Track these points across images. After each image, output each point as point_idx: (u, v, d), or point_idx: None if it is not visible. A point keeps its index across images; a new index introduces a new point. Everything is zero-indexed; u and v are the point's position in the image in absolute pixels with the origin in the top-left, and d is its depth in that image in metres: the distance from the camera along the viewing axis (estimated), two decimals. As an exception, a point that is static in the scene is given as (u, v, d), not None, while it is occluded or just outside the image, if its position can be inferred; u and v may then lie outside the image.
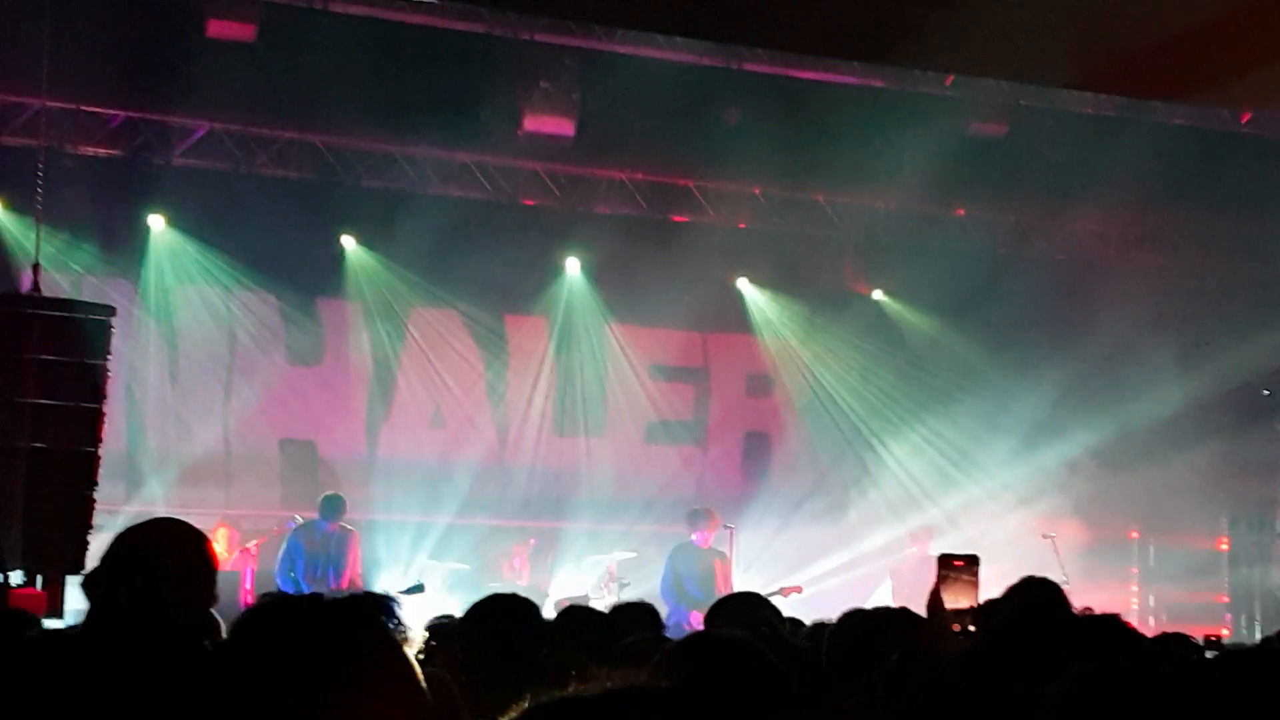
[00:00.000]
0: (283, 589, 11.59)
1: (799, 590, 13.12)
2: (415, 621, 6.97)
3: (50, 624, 7.82)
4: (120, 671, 3.25)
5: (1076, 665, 3.14)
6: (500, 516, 15.27)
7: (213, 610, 6.18)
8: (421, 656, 3.33)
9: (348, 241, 15.44)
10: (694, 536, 13.02)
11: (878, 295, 17.17)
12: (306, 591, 11.58)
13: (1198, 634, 6.51)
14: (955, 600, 3.59)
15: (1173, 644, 5.65)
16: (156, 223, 14.80)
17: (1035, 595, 4.24)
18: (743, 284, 16.78)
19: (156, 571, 3.38)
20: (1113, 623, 4.82)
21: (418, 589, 12.55)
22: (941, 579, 3.64)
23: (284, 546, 12.47)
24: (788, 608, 8.50)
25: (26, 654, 3.54)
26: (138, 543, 3.51)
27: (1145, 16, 10.97)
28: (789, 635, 5.10)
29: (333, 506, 12.62)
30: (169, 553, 3.45)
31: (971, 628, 3.57)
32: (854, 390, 16.82)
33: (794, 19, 10.91)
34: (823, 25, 11.41)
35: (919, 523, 15.19)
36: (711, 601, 8.22)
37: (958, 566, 3.63)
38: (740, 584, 13.07)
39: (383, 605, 2.45)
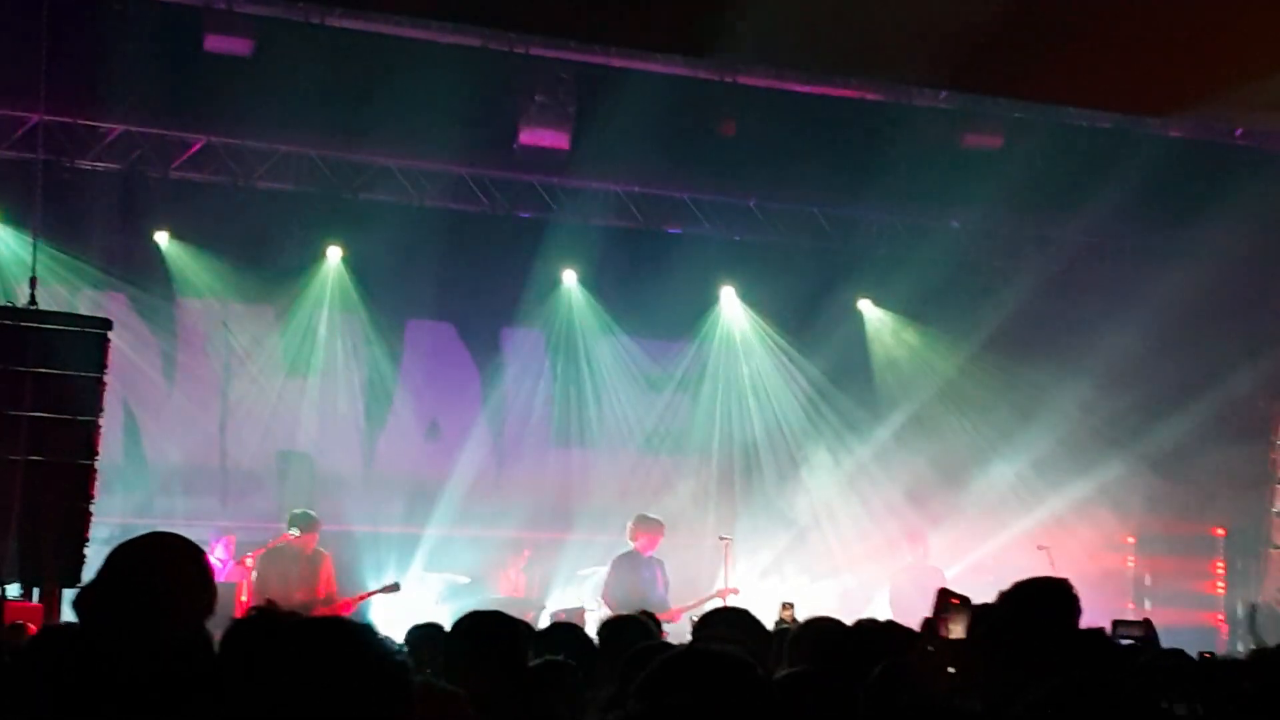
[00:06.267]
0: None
1: (735, 592, 13.17)
2: (396, 624, 7.03)
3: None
4: (116, 688, 3.25)
5: (1054, 678, 3.16)
6: (496, 528, 15.27)
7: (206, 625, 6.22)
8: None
9: (343, 254, 15.46)
10: (635, 544, 13.04)
11: (871, 306, 17.20)
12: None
13: (1192, 648, 6.52)
14: (948, 635, 3.62)
15: (1168, 657, 5.68)
16: (163, 239, 14.85)
17: (1036, 601, 4.23)
18: (739, 295, 16.81)
19: (153, 587, 3.38)
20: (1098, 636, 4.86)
21: (394, 588, 12.62)
22: (939, 613, 3.65)
23: (256, 572, 12.31)
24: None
25: (19, 667, 3.54)
26: (135, 557, 3.49)
27: (1140, 33, 11.05)
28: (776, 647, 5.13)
29: (300, 520, 12.51)
30: (165, 568, 3.44)
31: (951, 669, 3.60)
32: (847, 399, 16.84)
33: (791, 37, 11.00)
34: (818, 42, 11.50)
35: (916, 531, 15.19)
36: (653, 609, 8.25)
37: (954, 604, 3.65)
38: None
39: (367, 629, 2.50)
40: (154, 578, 3.39)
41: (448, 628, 7.08)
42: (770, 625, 6.97)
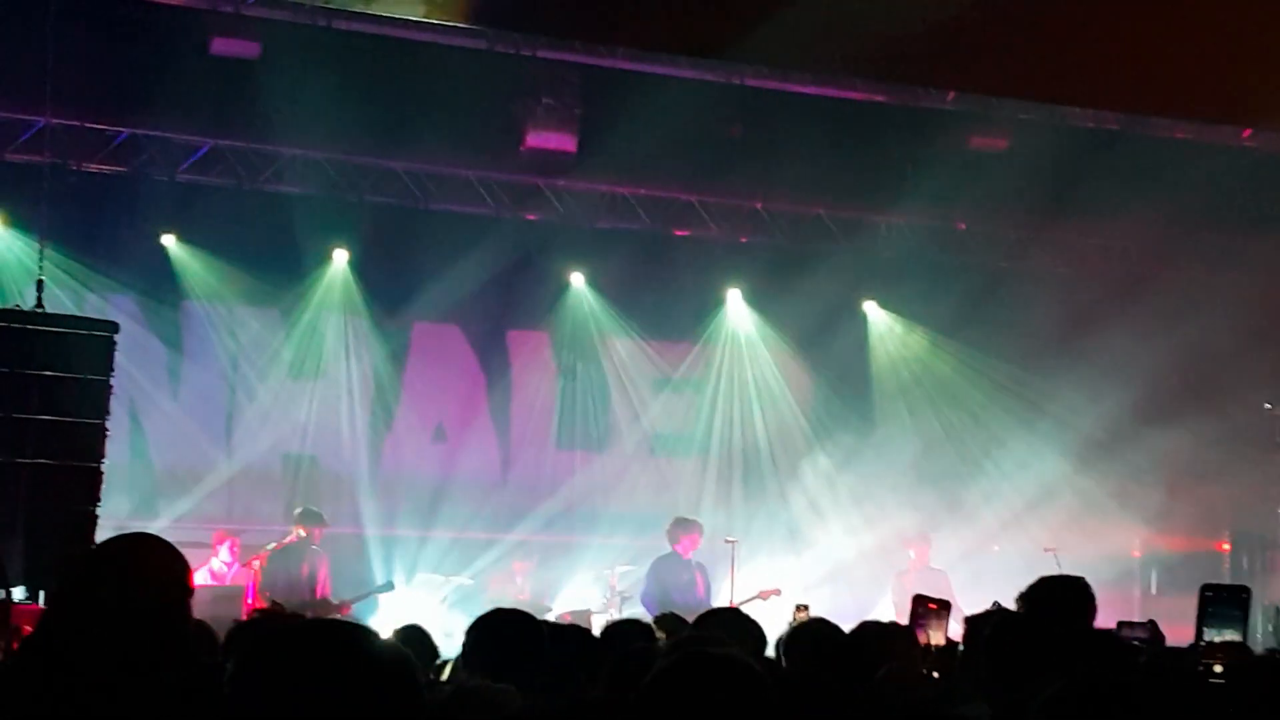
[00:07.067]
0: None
1: (777, 593, 13.17)
2: (391, 627, 7.05)
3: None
4: (90, 688, 3.22)
5: (1065, 678, 3.14)
6: (502, 531, 15.29)
7: (207, 623, 6.21)
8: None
9: (349, 257, 15.46)
10: (676, 547, 13.05)
11: (877, 309, 17.19)
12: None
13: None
14: (928, 640, 3.61)
15: (1174, 658, 5.69)
16: (169, 242, 14.85)
17: (1058, 598, 4.21)
18: (744, 297, 16.80)
19: (127, 585, 3.34)
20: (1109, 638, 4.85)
21: (387, 587, 12.71)
22: (916, 618, 3.65)
23: (264, 571, 12.46)
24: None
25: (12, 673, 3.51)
26: (107, 557, 3.46)
27: (1146, 34, 11.03)
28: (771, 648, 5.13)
29: (304, 518, 12.68)
30: (138, 566, 3.40)
31: (935, 674, 3.58)
32: (852, 402, 16.83)
33: (799, 39, 10.98)
34: (826, 44, 11.48)
35: (919, 535, 15.17)
36: (692, 612, 8.24)
37: (931, 609, 3.65)
38: (740, 595, 13.10)
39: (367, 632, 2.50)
40: (130, 576, 3.35)
41: (440, 631, 7.09)
42: (784, 627, 6.96)
